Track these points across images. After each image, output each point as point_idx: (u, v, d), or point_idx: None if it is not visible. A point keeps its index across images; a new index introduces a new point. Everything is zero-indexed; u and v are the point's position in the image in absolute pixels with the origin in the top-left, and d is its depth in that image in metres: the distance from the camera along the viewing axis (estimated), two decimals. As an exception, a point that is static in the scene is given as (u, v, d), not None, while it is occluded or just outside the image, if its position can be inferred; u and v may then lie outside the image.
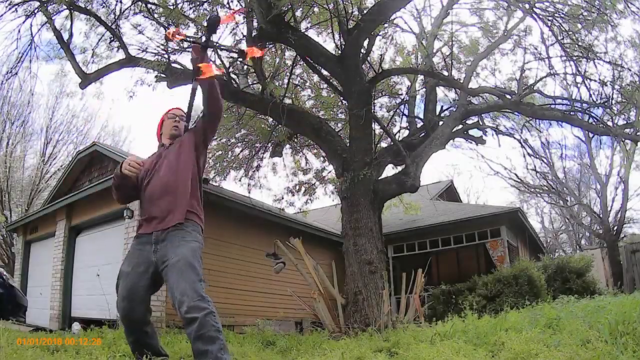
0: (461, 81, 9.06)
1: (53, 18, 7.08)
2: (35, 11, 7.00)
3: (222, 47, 5.06)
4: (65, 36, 7.24)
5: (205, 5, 7.49)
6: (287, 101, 8.74)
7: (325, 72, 8.49)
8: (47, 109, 17.73)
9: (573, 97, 8.90)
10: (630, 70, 8.22)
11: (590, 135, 14.49)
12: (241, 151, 10.50)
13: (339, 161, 7.87)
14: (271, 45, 8.50)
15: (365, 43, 8.11)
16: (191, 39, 3.03)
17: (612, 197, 17.60)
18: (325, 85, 9.57)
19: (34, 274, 10.19)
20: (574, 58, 8.03)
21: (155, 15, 7.28)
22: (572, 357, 2.35)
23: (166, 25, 7.30)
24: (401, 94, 10.37)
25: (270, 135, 9.75)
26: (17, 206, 16.29)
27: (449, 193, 17.88)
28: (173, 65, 7.43)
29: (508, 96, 9.11)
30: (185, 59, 8.72)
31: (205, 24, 3.14)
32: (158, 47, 7.56)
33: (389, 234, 11.39)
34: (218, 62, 7.63)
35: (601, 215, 17.40)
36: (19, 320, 7.02)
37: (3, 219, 14.49)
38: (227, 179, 10.26)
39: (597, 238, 19.66)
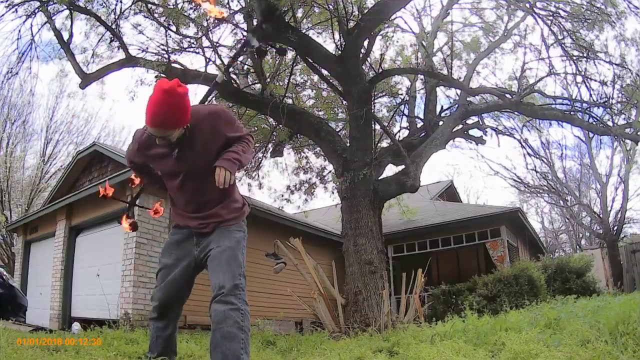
0: (461, 80, 9.06)
1: (53, 18, 7.09)
2: (36, 11, 7.01)
3: None
4: (66, 36, 7.25)
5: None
6: (288, 101, 8.75)
7: (325, 72, 8.49)
8: (47, 109, 17.82)
9: (573, 97, 8.91)
10: (631, 70, 8.23)
11: (591, 135, 14.50)
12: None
13: (339, 161, 7.87)
14: (271, 45, 8.50)
15: (366, 43, 8.12)
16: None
17: (612, 197, 17.65)
18: (326, 85, 9.57)
19: (34, 274, 10.18)
20: (574, 58, 8.04)
21: (156, 15, 7.28)
22: (572, 357, 2.35)
23: (166, 25, 7.32)
24: (401, 94, 10.38)
25: (270, 135, 9.75)
26: (17, 206, 16.28)
27: (449, 193, 17.87)
28: (173, 65, 7.43)
29: (508, 96, 9.12)
30: (185, 59, 8.74)
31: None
32: (158, 47, 7.58)
33: (389, 234, 11.39)
34: (218, 61, 7.65)
35: (601, 215, 17.40)
36: (19, 320, 7.02)
37: (3, 219, 14.48)
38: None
39: (597, 238, 19.66)
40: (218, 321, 2.05)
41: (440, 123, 9.36)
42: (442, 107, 10.32)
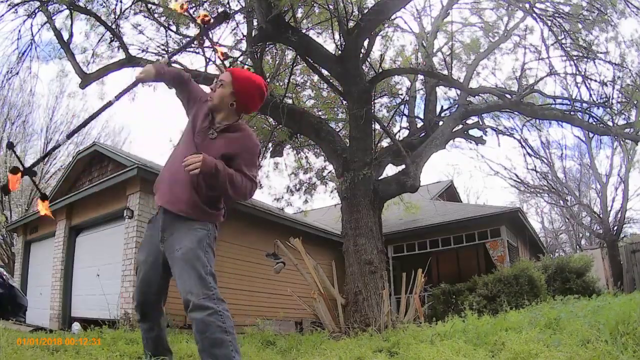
0: (461, 81, 9.06)
1: (53, 18, 7.10)
2: (36, 11, 7.02)
3: None
4: (66, 36, 7.25)
5: (206, 5, 7.50)
6: (288, 101, 8.74)
7: (325, 72, 8.49)
8: (47, 109, 17.78)
9: (573, 97, 8.90)
10: (630, 70, 8.22)
11: (590, 135, 14.48)
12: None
13: (339, 161, 7.86)
14: (271, 45, 8.51)
15: (366, 43, 8.12)
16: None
17: (612, 197, 17.63)
18: (326, 85, 9.57)
19: (34, 274, 10.19)
20: (574, 58, 8.03)
21: (156, 15, 7.29)
22: (572, 357, 2.35)
23: (166, 25, 7.32)
24: (401, 94, 10.38)
25: (270, 135, 9.75)
26: (17, 206, 16.28)
27: (449, 193, 17.88)
28: (173, 65, 7.43)
29: (508, 96, 9.11)
30: (185, 59, 8.74)
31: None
32: (158, 47, 7.58)
33: (389, 234, 11.39)
34: (218, 62, 7.64)
35: (601, 215, 17.40)
36: (19, 320, 7.02)
37: (3, 219, 14.48)
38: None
39: (597, 238, 19.66)
40: (201, 330, 2.03)
41: (440, 123, 9.36)
42: (442, 107, 10.33)
